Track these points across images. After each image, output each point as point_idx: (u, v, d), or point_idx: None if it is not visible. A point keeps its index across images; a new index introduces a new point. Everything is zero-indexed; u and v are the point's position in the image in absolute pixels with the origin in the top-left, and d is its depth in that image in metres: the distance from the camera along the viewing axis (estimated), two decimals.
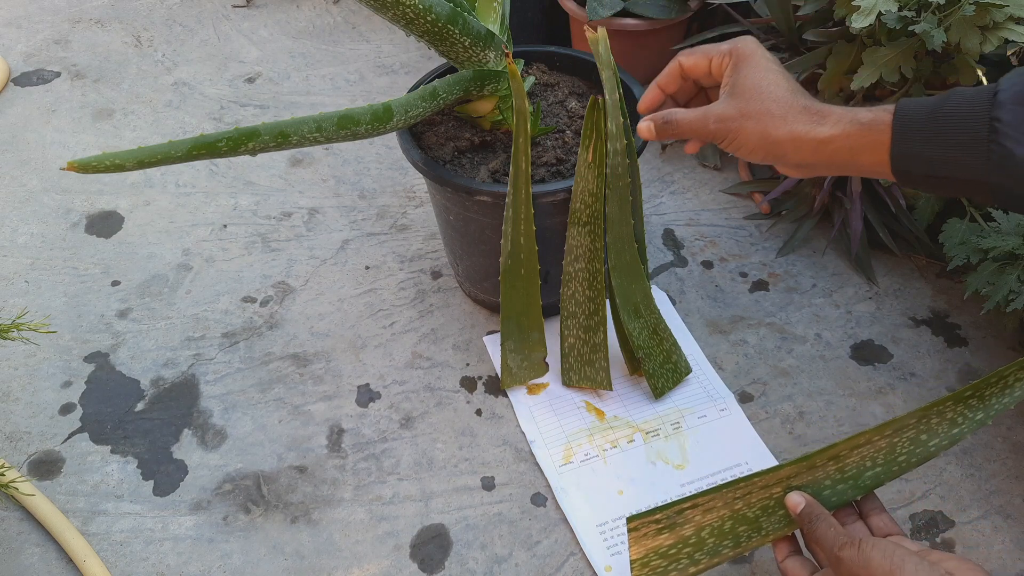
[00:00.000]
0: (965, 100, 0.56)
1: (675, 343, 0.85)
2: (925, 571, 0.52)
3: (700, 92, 0.74)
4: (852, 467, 0.61)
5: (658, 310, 0.84)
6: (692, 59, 0.70)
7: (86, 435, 0.86)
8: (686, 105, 0.74)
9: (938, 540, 0.74)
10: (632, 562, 0.64)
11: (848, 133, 0.59)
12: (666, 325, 0.84)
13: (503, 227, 0.78)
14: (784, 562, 0.62)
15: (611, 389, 0.84)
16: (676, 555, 0.63)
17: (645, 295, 0.82)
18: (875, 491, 0.62)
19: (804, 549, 0.63)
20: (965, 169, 0.55)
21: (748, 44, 0.66)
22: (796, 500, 0.60)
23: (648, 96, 0.72)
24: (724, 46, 0.67)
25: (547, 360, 0.87)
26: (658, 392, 0.85)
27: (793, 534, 0.63)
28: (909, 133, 0.57)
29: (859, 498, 0.62)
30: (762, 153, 0.63)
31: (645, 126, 0.69)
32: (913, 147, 0.57)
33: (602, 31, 0.77)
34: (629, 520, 0.65)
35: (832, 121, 0.60)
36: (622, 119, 0.77)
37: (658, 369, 0.84)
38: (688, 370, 0.86)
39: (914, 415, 0.59)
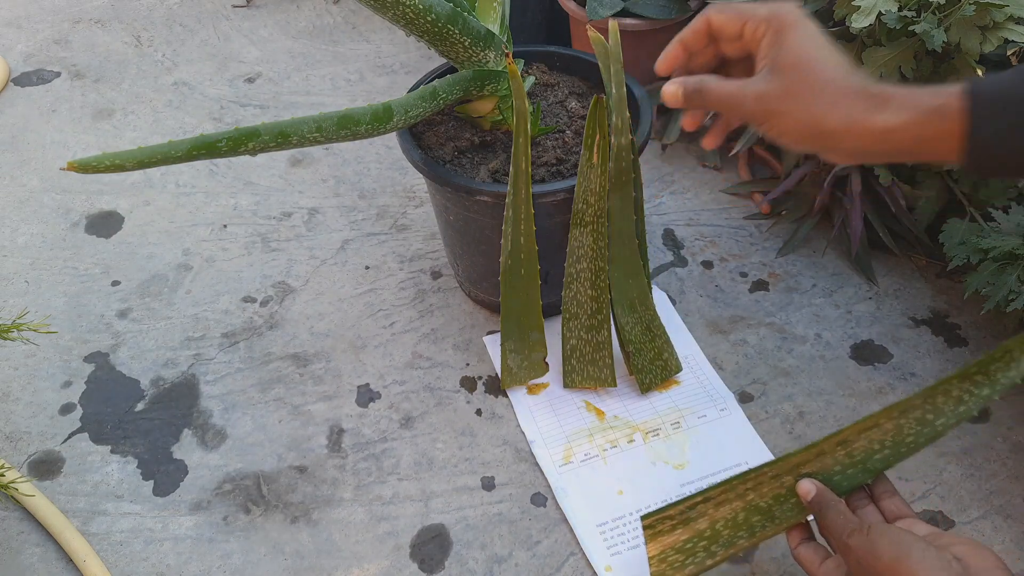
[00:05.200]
0: None
1: (668, 341, 0.85)
2: (932, 557, 0.52)
3: (722, 65, 0.64)
4: (860, 451, 0.61)
5: (654, 308, 0.84)
6: (724, 17, 0.59)
7: (86, 435, 0.86)
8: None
9: None
10: (650, 559, 0.65)
11: (915, 121, 0.52)
12: (660, 323, 0.85)
13: (503, 227, 0.78)
14: (797, 549, 0.62)
15: (615, 385, 0.85)
16: (692, 549, 0.64)
17: (642, 292, 0.83)
18: (885, 474, 0.62)
19: (818, 535, 0.63)
20: None
21: (791, 11, 0.56)
22: (807, 488, 0.60)
23: (668, 53, 0.62)
24: (762, 10, 0.57)
25: (547, 360, 0.87)
26: (644, 387, 0.85)
27: (807, 521, 0.63)
28: (988, 120, 0.49)
29: (870, 482, 0.62)
30: (809, 141, 0.55)
31: (672, 90, 0.59)
32: (994, 136, 0.50)
33: (613, 23, 0.78)
34: (643, 518, 0.65)
35: (894, 107, 0.52)
36: (627, 114, 0.78)
37: (647, 365, 0.85)
38: (678, 369, 0.86)
39: (920, 396, 0.59)
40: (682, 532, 0.64)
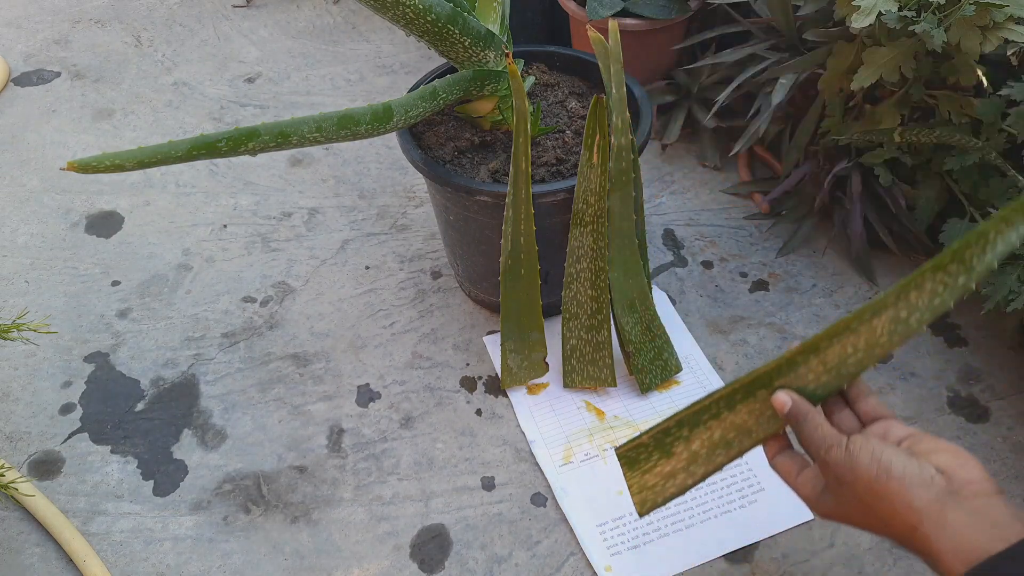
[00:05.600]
0: None
1: (667, 341, 0.86)
2: (913, 473, 0.50)
3: None
4: (833, 357, 0.57)
5: (654, 307, 0.84)
6: None
7: (86, 435, 0.86)
8: None
9: None
10: (630, 487, 0.64)
11: None
12: (660, 323, 0.85)
13: (503, 227, 0.78)
14: (775, 459, 0.60)
15: (615, 385, 0.85)
16: (672, 472, 0.63)
17: (642, 291, 0.83)
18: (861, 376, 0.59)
19: (796, 444, 0.61)
20: None
21: None
22: (782, 399, 0.58)
23: None
24: None
25: (547, 360, 0.87)
26: (644, 387, 0.85)
27: (784, 431, 0.61)
28: None
29: (846, 386, 0.59)
30: None
31: None
32: None
33: (613, 23, 0.78)
34: (617, 450, 0.64)
35: None
36: (627, 114, 0.78)
37: (647, 365, 0.85)
38: (678, 368, 0.86)
39: (892, 293, 0.55)
40: (659, 457, 0.63)
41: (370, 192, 1.13)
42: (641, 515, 0.64)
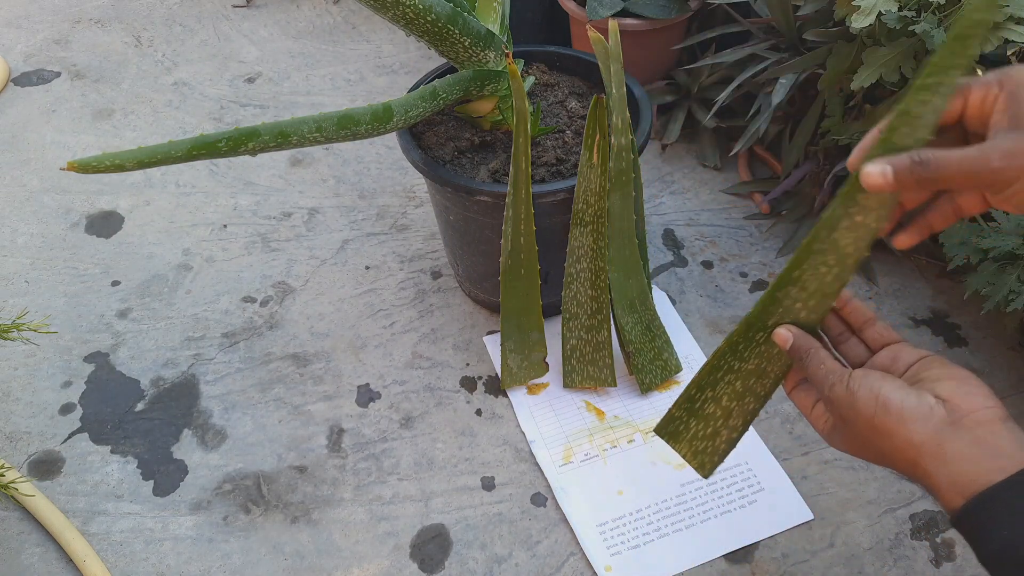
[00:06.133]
0: None
1: (668, 341, 0.86)
2: (911, 407, 0.50)
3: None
4: (811, 281, 0.57)
5: (654, 307, 0.84)
6: None
7: (86, 435, 0.86)
8: None
9: (938, 540, 0.74)
10: (682, 456, 0.65)
11: None
12: (660, 323, 0.85)
13: (503, 227, 0.78)
14: (792, 392, 0.60)
15: (615, 385, 0.85)
16: (714, 432, 0.64)
17: (642, 291, 0.83)
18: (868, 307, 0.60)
19: None
20: None
21: (1022, 71, 0.51)
22: (784, 336, 0.57)
23: (865, 143, 0.53)
24: (990, 76, 0.51)
25: (547, 360, 0.87)
26: (644, 387, 0.85)
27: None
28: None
29: (843, 309, 0.59)
30: None
31: (878, 170, 0.49)
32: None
33: (613, 23, 0.78)
34: (656, 429, 0.65)
35: None
36: (627, 114, 0.78)
37: (647, 365, 0.85)
38: (678, 368, 0.87)
39: (840, 203, 0.53)
40: (696, 422, 0.64)
41: (370, 192, 1.13)
42: (705, 476, 0.65)
